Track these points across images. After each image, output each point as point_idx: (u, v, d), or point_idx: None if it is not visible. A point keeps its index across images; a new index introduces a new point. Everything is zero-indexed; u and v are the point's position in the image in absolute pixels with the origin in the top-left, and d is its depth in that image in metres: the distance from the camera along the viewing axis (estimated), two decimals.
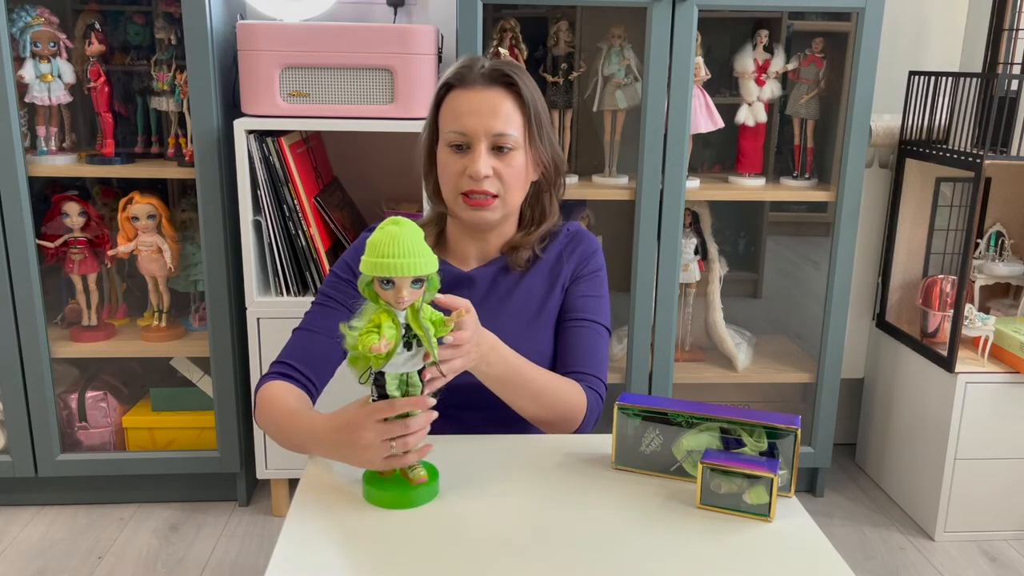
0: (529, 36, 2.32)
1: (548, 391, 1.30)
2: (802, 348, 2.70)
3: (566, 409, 1.32)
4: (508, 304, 1.41)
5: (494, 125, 1.30)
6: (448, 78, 1.34)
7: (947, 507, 2.33)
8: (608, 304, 1.45)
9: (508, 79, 1.32)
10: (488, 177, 1.30)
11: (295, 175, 2.14)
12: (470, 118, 1.30)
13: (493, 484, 1.15)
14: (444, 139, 1.33)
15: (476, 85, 1.31)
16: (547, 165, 1.38)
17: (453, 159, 1.32)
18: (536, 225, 1.42)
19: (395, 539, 1.02)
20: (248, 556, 2.21)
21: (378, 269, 1.00)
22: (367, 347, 0.98)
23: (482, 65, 1.33)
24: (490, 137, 1.30)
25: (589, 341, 1.40)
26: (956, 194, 2.50)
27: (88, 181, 2.43)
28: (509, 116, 1.31)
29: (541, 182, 1.40)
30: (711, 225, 2.51)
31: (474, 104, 1.30)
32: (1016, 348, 2.25)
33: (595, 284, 1.44)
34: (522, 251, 1.41)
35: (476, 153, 1.30)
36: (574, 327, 1.41)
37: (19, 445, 2.32)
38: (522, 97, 1.32)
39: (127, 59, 2.38)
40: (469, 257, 1.43)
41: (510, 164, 1.32)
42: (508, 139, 1.31)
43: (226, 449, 2.36)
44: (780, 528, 1.07)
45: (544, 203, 1.42)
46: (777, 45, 2.41)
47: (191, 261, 2.40)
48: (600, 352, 1.41)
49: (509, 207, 1.36)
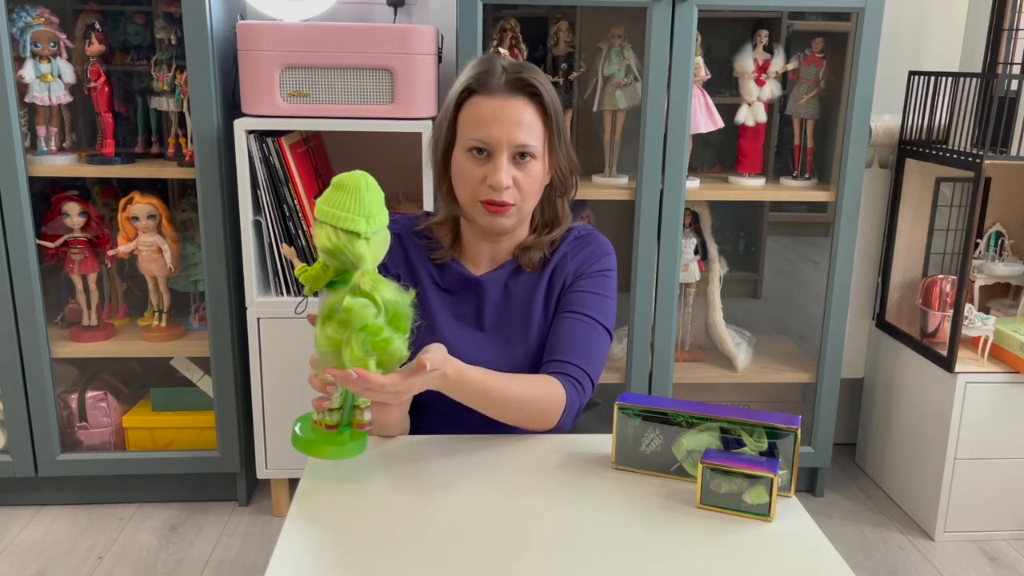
0: (529, 36, 2.32)
1: (518, 400, 1.26)
2: (802, 348, 2.70)
3: (541, 410, 1.29)
4: (518, 310, 1.40)
5: (517, 136, 1.29)
6: (469, 82, 1.32)
7: (947, 507, 2.33)
8: (611, 306, 1.42)
9: (532, 88, 1.30)
10: (508, 188, 1.30)
11: (295, 175, 2.14)
12: (493, 127, 1.29)
13: (493, 484, 1.15)
14: (463, 144, 1.32)
15: (499, 93, 1.30)
16: (564, 170, 1.38)
17: (472, 165, 1.31)
18: (549, 228, 1.42)
19: (395, 539, 1.02)
20: (248, 556, 2.21)
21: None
22: None
23: (503, 69, 1.31)
24: (512, 147, 1.29)
25: (578, 332, 1.36)
26: (956, 194, 2.50)
27: (88, 181, 2.43)
28: (532, 126, 1.30)
29: (554, 186, 1.39)
30: (711, 225, 2.51)
31: (497, 113, 1.29)
32: (1016, 348, 2.25)
33: (599, 283, 1.41)
34: (534, 252, 1.40)
35: (498, 163, 1.29)
36: (565, 318, 1.38)
37: (19, 445, 2.32)
38: (544, 106, 1.31)
39: (127, 59, 2.38)
40: (481, 260, 1.42)
41: (529, 173, 1.32)
42: (530, 148, 1.30)
43: (226, 449, 2.36)
44: (780, 528, 1.07)
45: (556, 206, 1.42)
46: (777, 45, 2.41)
47: (191, 261, 2.40)
48: (589, 344, 1.36)
49: (524, 213, 1.36)
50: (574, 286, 1.41)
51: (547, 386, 1.30)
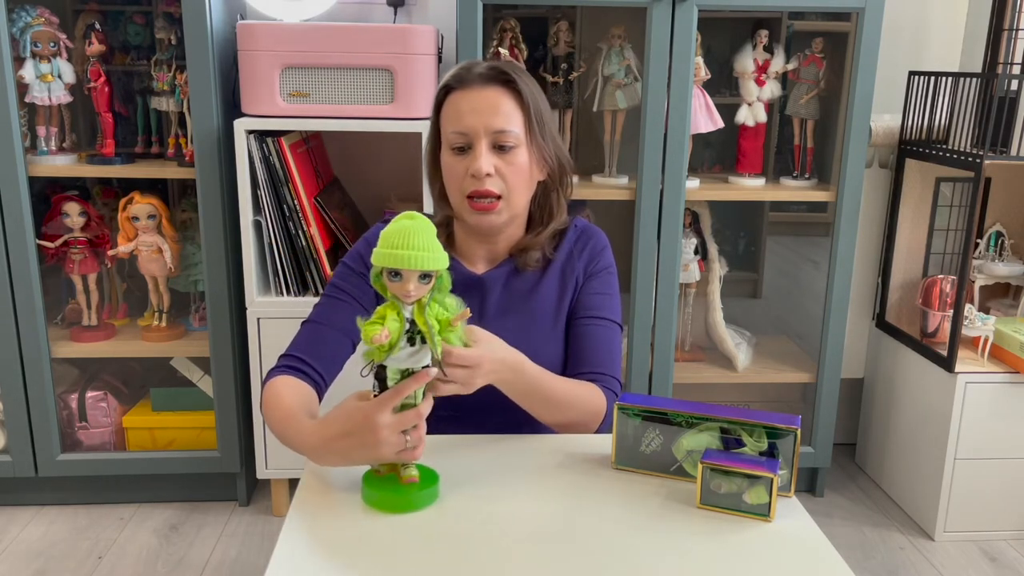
0: (529, 36, 2.32)
1: (567, 401, 1.29)
2: (802, 348, 2.70)
3: (585, 414, 1.32)
4: (523, 308, 1.40)
5: (494, 122, 1.29)
6: (447, 80, 1.34)
7: (947, 507, 2.33)
8: (618, 301, 1.45)
9: (506, 76, 1.31)
10: (490, 176, 1.29)
11: (295, 175, 2.14)
12: (469, 116, 1.29)
13: (493, 484, 1.15)
14: (446, 141, 1.33)
15: (474, 85, 1.31)
16: (552, 164, 1.37)
17: (456, 161, 1.32)
18: (544, 226, 1.41)
19: (395, 539, 1.02)
20: (248, 556, 2.21)
21: (387, 260, 1.00)
22: (369, 338, 0.99)
23: (480, 65, 1.34)
24: (490, 135, 1.29)
25: (603, 340, 1.40)
26: (956, 194, 2.50)
27: (88, 181, 2.43)
28: (509, 113, 1.30)
29: (547, 181, 1.39)
30: (711, 225, 2.51)
31: (473, 103, 1.30)
32: (1016, 348, 2.25)
33: (606, 281, 1.43)
34: (531, 252, 1.40)
35: (477, 151, 1.29)
36: (587, 325, 1.40)
37: (19, 445, 2.32)
38: (521, 94, 1.32)
39: (127, 59, 2.38)
40: (478, 259, 1.42)
41: (512, 162, 1.31)
42: (509, 136, 1.30)
43: (226, 449, 2.36)
44: (780, 528, 1.07)
45: (551, 203, 1.41)
46: (777, 45, 2.41)
47: (191, 261, 2.40)
48: (613, 350, 1.41)
49: (514, 208, 1.35)
50: (585, 288, 1.42)
51: (590, 391, 1.33)
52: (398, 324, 1.01)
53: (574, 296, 1.43)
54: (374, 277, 1.04)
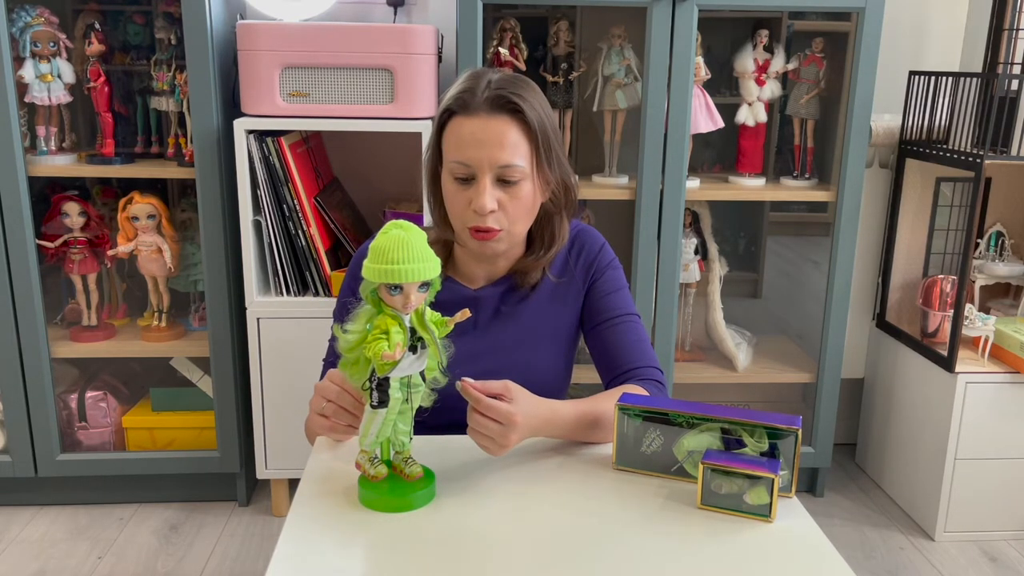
0: (529, 36, 2.32)
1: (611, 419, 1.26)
2: (802, 348, 2.70)
3: None
4: (515, 324, 1.38)
5: (499, 157, 1.23)
6: (449, 103, 1.26)
7: (947, 507, 2.33)
8: (628, 291, 1.43)
9: (513, 105, 1.24)
10: (494, 212, 1.25)
11: (295, 175, 2.14)
12: (474, 149, 1.23)
13: (493, 484, 1.15)
14: (448, 168, 1.28)
15: (479, 112, 1.23)
16: (556, 187, 1.33)
17: (458, 190, 1.27)
18: (545, 249, 1.37)
19: (395, 539, 1.02)
20: (248, 556, 2.21)
21: (387, 276, 0.99)
22: (378, 355, 0.98)
23: (486, 85, 1.25)
24: (495, 169, 1.24)
25: (629, 336, 1.38)
26: (956, 194, 2.50)
27: (88, 181, 2.43)
28: (515, 146, 1.24)
29: (549, 204, 1.35)
30: (711, 225, 2.51)
31: (478, 134, 1.23)
32: (1016, 348, 2.25)
33: (612, 278, 1.41)
34: (531, 274, 1.38)
35: (481, 186, 1.24)
36: (609, 328, 1.39)
37: (19, 445, 2.32)
38: (528, 124, 1.25)
39: (127, 59, 2.37)
40: (476, 278, 1.40)
41: (516, 196, 1.27)
42: (515, 171, 1.25)
43: (226, 449, 2.36)
44: (781, 528, 1.07)
45: (554, 225, 1.37)
46: (777, 45, 2.41)
47: (191, 261, 2.40)
48: (642, 340, 1.39)
49: (516, 237, 1.32)
50: (593, 293, 1.40)
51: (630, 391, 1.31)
52: (403, 336, 1.01)
53: (581, 305, 1.41)
54: (367, 292, 1.03)
